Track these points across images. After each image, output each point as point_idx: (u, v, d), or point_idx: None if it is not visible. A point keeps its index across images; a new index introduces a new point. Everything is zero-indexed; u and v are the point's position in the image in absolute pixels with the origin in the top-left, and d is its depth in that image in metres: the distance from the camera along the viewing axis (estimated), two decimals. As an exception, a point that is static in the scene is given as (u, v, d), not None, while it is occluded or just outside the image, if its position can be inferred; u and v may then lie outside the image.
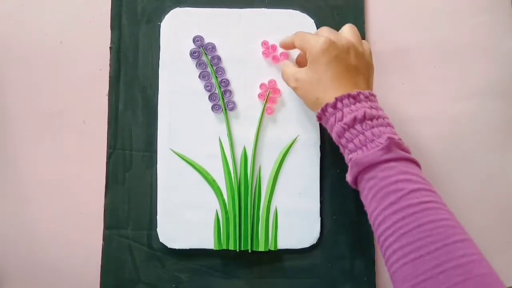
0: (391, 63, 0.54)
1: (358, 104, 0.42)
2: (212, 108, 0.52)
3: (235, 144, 0.52)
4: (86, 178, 0.52)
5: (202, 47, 0.52)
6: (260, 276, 0.51)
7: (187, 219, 0.51)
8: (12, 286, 0.51)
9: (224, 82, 0.52)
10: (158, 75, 0.52)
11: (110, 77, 0.53)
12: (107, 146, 0.52)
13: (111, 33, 0.53)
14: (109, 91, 0.53)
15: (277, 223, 0.51)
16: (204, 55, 0.52)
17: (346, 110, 0.42)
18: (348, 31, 0.46)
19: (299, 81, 0.46)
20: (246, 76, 0.52)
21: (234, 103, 0.52)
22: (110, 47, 0.53)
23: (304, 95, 0.46)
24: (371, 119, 0.41)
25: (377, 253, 0.52)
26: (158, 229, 0.51)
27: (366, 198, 0.41)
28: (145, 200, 0.52)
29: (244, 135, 0.52)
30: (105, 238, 0.51)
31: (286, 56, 0.52)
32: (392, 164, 0.40)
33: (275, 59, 0.52)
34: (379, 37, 0.55)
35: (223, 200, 0.51)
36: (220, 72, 0.52)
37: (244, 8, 0.53)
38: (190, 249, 0.51)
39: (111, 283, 0.51)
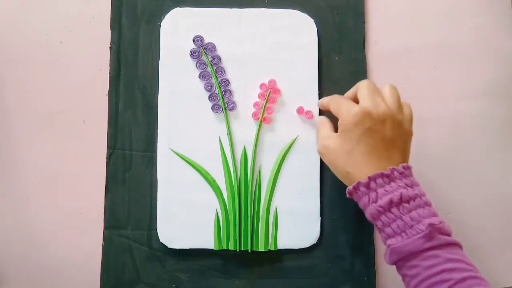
0: (391, 63, 0.54)
1: (393, 184, 0.40)
2: (212, 108, 0.52)
3: (235, 144, 0.52)
4: (86, 178, 0.52)
5: (202, 47, 0.52)
6: (260, 276, 0.51)
7: (187, 219, 0.51)
8: (12, 286, 0.51)
9: (224, 82, 0.52)
10: (158, 75, 0.52)
11: (110, 77, 0.53)
12: (107, 146, 0.52)
13: (111, 33, 0.53)
14: (109, 91, 0.53)
15: (277, 223, 0.51)
16: (204, 55, 0.52)
17: (380, 190, 0.40)
18: (389, 94, 0.43)
19: (328, 149, 0.44)
20: (246, 76, 0.53)
21: (234, 103, 0.52)
22: (110, 47, 0.53)
23: (333, 165, 0.44)
24: (408, 201, 0.40)
25: (377, 253, 0.52)
26: (158, 229, 0.51)
27: (409, 285, 0.40)
28: (145, 200, 0.52)
29: (244, 135, 0.52)
30: (105, 238, 0.51)
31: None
32: (435, 252, 0.39)
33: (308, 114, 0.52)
34: (379, 37, 0.55)
35: (223, 200, 0.51)
36: (220, 72, 0.52)
37: (244, 8, 0.53)
38: (190, 249, 0.51)
39: (111, 283, 0.51)
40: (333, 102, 0.45)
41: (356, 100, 0.44)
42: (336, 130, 0.45)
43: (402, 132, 0.43)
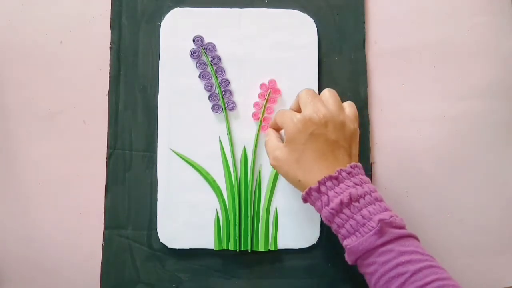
0: (391, 63, 0.54)
1: (341, 185, 0.41)
2: (212, 108, 0.52)
3: (235, 144, 0.52)
4: (86, 178, 0.52)
5: (202, 47, 0.52)
6: (260, 276, 0.51)
7: (187, 219, 0.51)
8: (12, 286, 0.51)
9: (224, 82, 0.52)
10: (158, 75, 0.52)
11: (110, 77, 0.53)
12: (107, 146, 0.52)
13: (111, 33, 0.53)
14: (109, 91, 0.53)
15: (277, 223, 0.51)
16: (204, 55, 0.52)
17: (331, 193, 0.41)
18: (328, 98, 0.44)
19: (278, 160, 0.44)
20: (246, 76, 0.53)
21: (234, 103, 0.52)
22: (110, 47, 0.53)
23: (285, 176, 0.45)
24: (358, 200, 0.41)
25: (377, 253, 0.52)
26: (158, 229, 0.51)
27: (370, 282, 0.41)
28: (145, 200, 0.52)
29: (244, 135, 0.52)
30: (105, 238, 0.51)
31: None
32: (389, 246, 0.40)
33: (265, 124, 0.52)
34: (379, 37, 0.55)
35: (223, 200, 0.51)
36: (220, 72, 0.52)
37: (244, 8, 0.53)
38: (190, 249, 0.51)
39: (111, 283, 0.51)
40: (278, 115, 0.46)
41: (299, 110, 0.45)
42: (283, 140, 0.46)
43: (346, 132, 0.44)
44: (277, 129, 0.48)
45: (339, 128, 0.43)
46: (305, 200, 0.44)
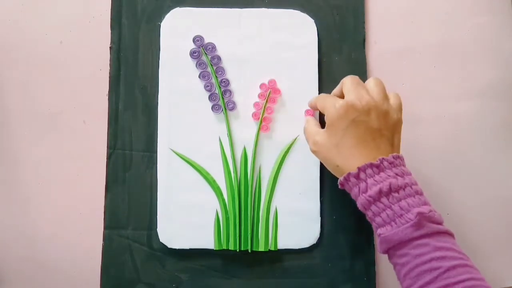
0: (391, 63, 0.54)
1: (382, 174, 0.41)
2: (212, 108, 0.52)
3: (235, 144, 0.52)
4: (86, 178, 0.52)
5: (202, 47, 0.52)
6: (260, 276, 0.51)
7: (187, 219, 0.51)
8: (12, 286, 0.51)
9: (224, 82, 0.52)
10: (158, 75, 0.52)
11: (110, 77, 0.53)
12: (107, 146, 0.52)
13: (111, 33, 0.53)
14: (109, 91, 0.53)
15: (277, 223, 0.51)
16: (204, 55, 0.52)
17: (370, 181, 0.41)
18: (372, 86, 0.44)
19: (317, 145, 0.45)
20: (246, 76, 0.53)
21: (234, 103, 0.52)
22: (110, 47, 0.53)
23: (324, 161, 0.45)
24: (398, 191, 0.40)
25: (377, 253, 0.52)
26: (158, 229, 0.51)
27: (399, 273, 0.40)
28: (145, 200, 0.52)
29: (244, 135, 0.52)
30: (105, 238, 0.51)
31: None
32: (425, 240, 0.39)
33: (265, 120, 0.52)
34: (379, 37, 0.55)
35: (223, 200, 0.51)
36: (220, 72, 0.52)
37: (244, 8, 0.53)
38: (190, 249, 0.51)
39: (111, 283, 0.51)
40: (319, 99, 0.46)
41: (343, 97, 0.44)
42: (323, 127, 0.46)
43: (389, 122, 0.43)
44: (314, 109, 0.48)
45: (382, 116, 0.43)
46: (342, 185, 0.43)
